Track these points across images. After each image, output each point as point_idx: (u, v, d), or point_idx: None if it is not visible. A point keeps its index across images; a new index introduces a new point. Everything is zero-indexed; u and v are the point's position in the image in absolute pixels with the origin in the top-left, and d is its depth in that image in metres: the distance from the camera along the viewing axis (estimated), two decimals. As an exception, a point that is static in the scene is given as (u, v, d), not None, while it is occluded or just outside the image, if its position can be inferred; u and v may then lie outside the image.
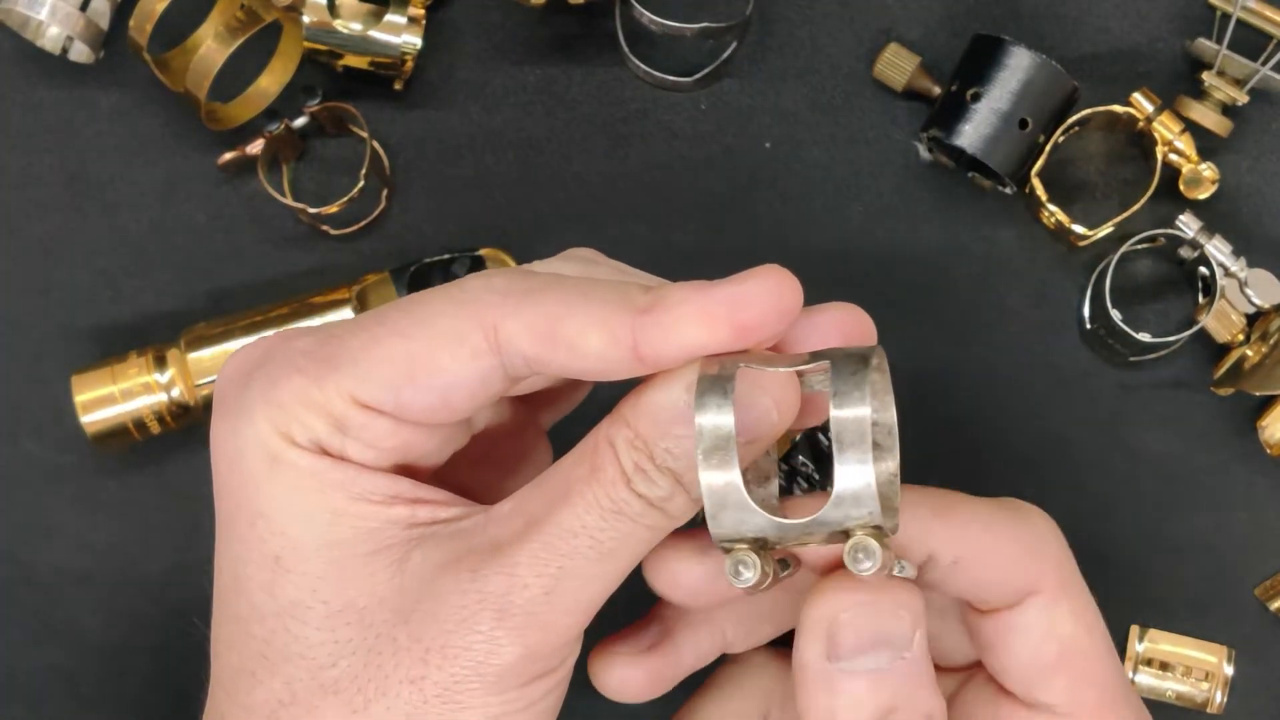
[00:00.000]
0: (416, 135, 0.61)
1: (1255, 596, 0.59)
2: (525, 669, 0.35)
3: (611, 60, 0.61)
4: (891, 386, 0.36)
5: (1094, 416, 0.60)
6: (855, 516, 0.33)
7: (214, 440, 0.37)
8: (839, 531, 0.33)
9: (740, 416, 0.33)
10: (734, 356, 0.34)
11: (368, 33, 0.58)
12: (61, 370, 0.60)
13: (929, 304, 0.60)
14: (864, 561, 0.33)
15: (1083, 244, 0.59)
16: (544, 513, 0.35)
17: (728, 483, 0.33)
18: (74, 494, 0.60)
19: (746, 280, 0.34)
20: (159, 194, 0.61)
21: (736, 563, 0.34)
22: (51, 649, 0.59)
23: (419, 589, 0.35)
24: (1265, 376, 0.56)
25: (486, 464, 0.42)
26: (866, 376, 0.33)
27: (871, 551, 0.33)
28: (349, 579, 0.36)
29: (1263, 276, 0.58)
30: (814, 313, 0.37)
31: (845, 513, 0.33)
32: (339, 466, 0.36)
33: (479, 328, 0.35)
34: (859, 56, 0.61)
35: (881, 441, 0.36)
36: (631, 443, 0.35)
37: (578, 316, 0.35)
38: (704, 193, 0.61)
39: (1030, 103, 0.57)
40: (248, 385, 0.37)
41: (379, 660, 0.35)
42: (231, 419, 0.37)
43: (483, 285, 0.36)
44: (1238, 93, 0.58)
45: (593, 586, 0.35)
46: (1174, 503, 0.59)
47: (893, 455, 0.36)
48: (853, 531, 0.33)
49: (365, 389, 0.35)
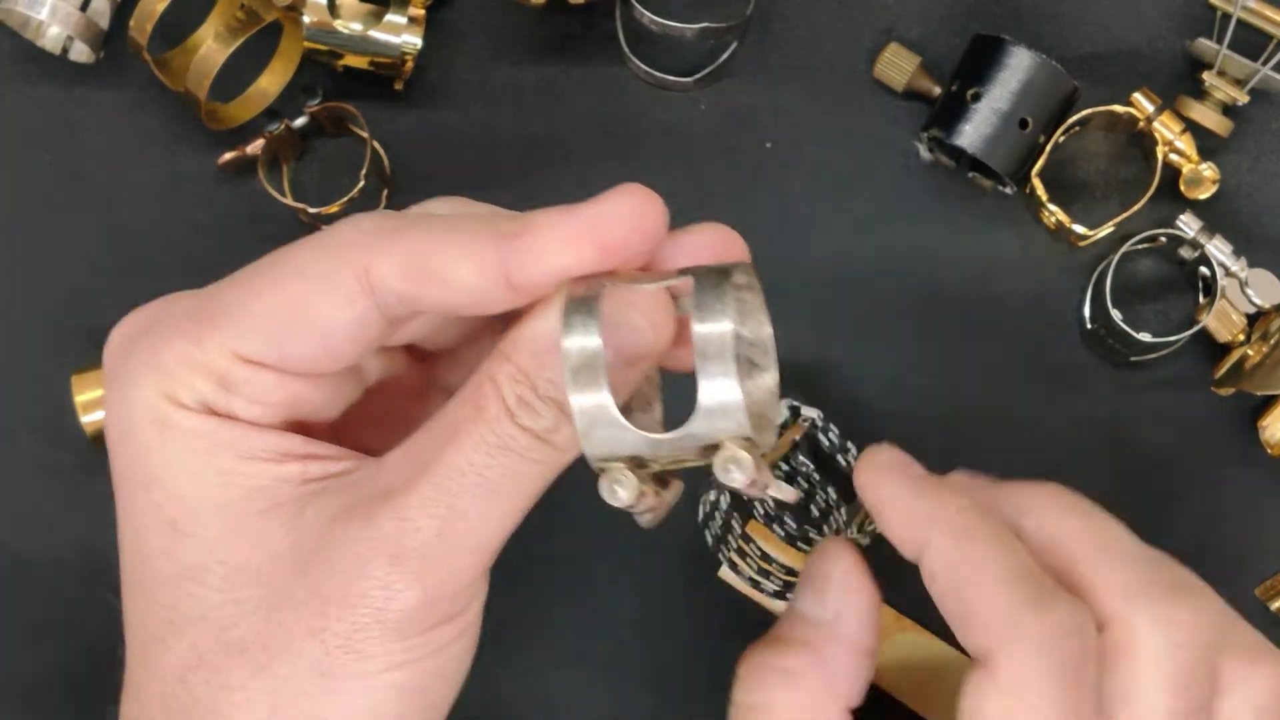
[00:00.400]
0: (416, 135, 0.61)
1: (1255, 596, 0.59)
2: (426, 614, 0.35)
3: (611, 60, 0.61)
4: (764, 304, 0.36)
5: (1094, 416, 0.60)
6: (724, 429, 0.32)
7: (106, 411, 0.38)
8: (712, 446, 0.33)
9: (611, 335, 0.33)
10: (601, 278, 0.34)
11: (368, 33, 0.58)
12: (61, 370, 0.60)
13: (929, 304, 0.60)
14: (734, 472, 0.33)
15: (1083, 244, 0.59)
16: (432, 455, 0.35)
17: (597, 403, 0.32)
18: (74, 493, 0.60)
19: (608, 199, 0.34)
20: (159, 194, 0.61)
21: (612, 482, 0.33)
22: (51, 648, 0.59)
23: (314, 543, 0.35)
24: (1266, 376, 0.56)
25: (390, 425, 0.41)
26: (727, 290, 0.32)
27: (741, 461, 0.33)
28: (244, 538, 0.36)
29: (1263, 276, 0.58)
30: (684, 233, 0.36)
31: (714, 425, 0.32)
32: (227, 426, 0.36)
33: (350, 271, 0.35)
34: (859, 56, 0.61)
35: (756, 359, 0.36)
36: (513, 377, 0.35)
37: (446, 249, 0.34)
38: (704, 193, 0.61)
39: (1030, 103, 0.57)
40: (131, 352, 0.37)
41: (280, 616, 0.35)
42: (119, 387, 0.37)
43: (351, 228, 0.36)
44: (1238, 93, 0.58)
45: (487, 525, 0.35)
46: (1174, 502, 0.59)
47: (769, 371, 0.36)
48: (724, 445, 0.33)
49: (246, 343, 0.36)
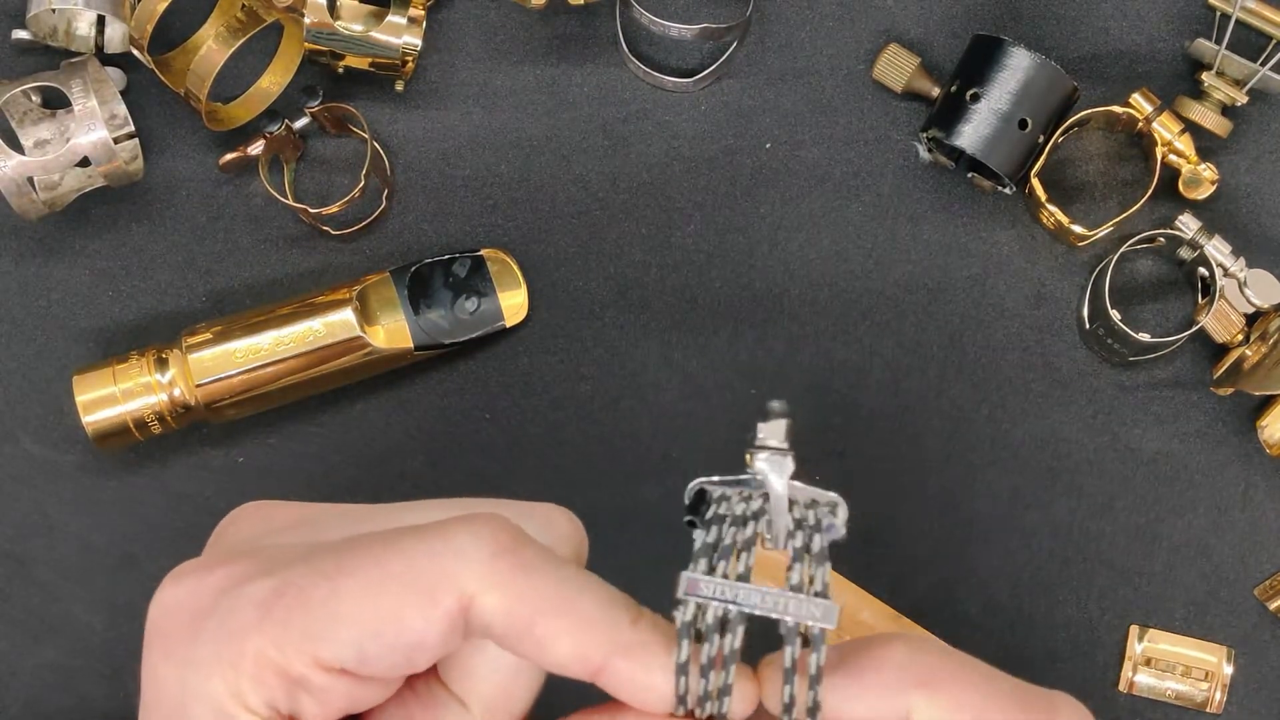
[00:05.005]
0: (416, 135, 0.61)
1: (1254, 596, 0.59)
2: None
3: (611, 60, 0.61)
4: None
5: (1093, 416, 0.60)
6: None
7: (154, 681, 0.35)
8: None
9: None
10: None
11: (368, 33, 0.58)
12: (62, 370, 0.60)
13: (929, 304, 0.60)
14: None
15: (1082, 244, 0.59)
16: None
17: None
18: (74, 494, 0.60)
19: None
20: (159, 194, 0.61)
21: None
22: (51, 649, 0.59)
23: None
24: (1264, 376, 0.56)
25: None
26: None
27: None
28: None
29: (1262, 276, 0.58)
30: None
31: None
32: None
33: (455, 591, 0.33)
34: (859, 57, 0.61)
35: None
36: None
37: (559, 621, 0.33)
38: (704, 193, 0.61)
39: (1030, 103, 0.57)
40: (198, 635, 0.35)
41: None
42: (179, 667, 0.35)
43: (470, 543, 0.33)
44: (1237, 93, 0.58)
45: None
46: (1173, 502, 0.60)
47: None
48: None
49: (329, 649, 0.33)
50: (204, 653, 0.34)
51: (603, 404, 0.60)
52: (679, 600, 0.34)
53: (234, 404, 0.57)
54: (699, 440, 0.60)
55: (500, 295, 0.60)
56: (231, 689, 0.34)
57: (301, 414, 0.60)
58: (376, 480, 0.60)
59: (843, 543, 0.35)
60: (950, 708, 0.33)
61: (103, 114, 0.56)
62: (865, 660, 0.34)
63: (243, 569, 0.35)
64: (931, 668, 0.34)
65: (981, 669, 0.34)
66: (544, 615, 0.33)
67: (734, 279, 0.60)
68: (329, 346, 0.57)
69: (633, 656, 0.33)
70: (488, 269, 0.60)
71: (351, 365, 0.58)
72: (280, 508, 0.38)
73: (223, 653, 0.34)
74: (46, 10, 0.58)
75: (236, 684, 0.34)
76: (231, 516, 0.38)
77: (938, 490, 0.60)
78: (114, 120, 0.58)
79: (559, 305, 0.61)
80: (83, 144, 0.55)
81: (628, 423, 0.60)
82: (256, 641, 0.34)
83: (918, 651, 0.34)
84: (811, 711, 0.33)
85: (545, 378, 0.60)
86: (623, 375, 0.60)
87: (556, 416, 0.60)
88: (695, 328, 0.60)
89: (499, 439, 0.60)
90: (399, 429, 0.60)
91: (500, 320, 0.60)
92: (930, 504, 0.60)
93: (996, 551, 0.59)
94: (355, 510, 0.37)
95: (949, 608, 0.59)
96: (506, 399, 0.60)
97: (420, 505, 0.37)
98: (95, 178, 0.58)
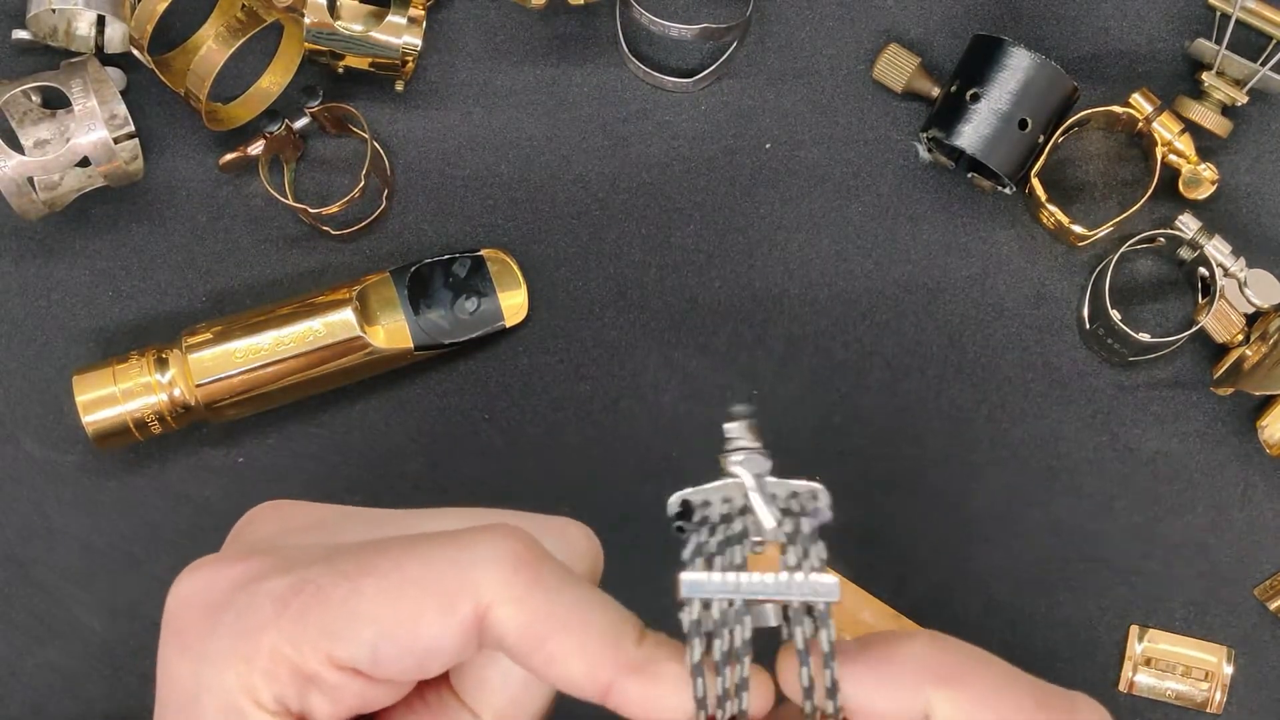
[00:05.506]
0: (416, 135, 0.61)
1: (1254, 596, 0.59)
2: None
3: (611, 60, 0.61)
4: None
5: (1093, 416, 0.60)
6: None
7: (168, 673, 0.36)
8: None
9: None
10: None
11: (368, 33, 0.58)
12: (62, 370, 0.60)
13: (929, 303, 0.60)
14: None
15: (1082, 244, 0.60)
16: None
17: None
18: (74, 494, 0.60)
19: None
20: (159, 194, 0.61)
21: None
22: (51, 649, 0.59)
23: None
24: (1264, 376, 0.56)
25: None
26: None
27: None
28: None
29: (1262, 276, 0.58)
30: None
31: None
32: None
33: (473, 600, 0.33)
34: (859, 57, 0.61)
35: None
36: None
37: (570, 638, 0.33)
38: (704, 193, 0.61)
39: (1030, 103, 0.57)
40: (214, 628, 0.35)
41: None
42: (193, 660, 0.35)
43: (490, 554, 0.34)
44: (1237, 93, 0.58)
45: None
46: (1173, 502, 0.60)
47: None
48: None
49: (344, 648, 0.34)
50: (219, 646, 0.34)
51: (603, 404, 0.60)
52: (682, 602, 0.34)
53: (234, 404, 0.57)
54: (699, 440, 0.60)
55: (500, 295, 0.60)
56: (244, 683, 0.34)
57: (301, 414, 0.60)
58: (376, 480, 0.60)
59: (831, 525, 0.35)
60: (970, 706, 0.33)
61: (103, 114, 0.56)
62: (886, 653, 0.34)
63: (261, 566, 0.35)
64: (952, 665, 0.34)
65: (1001, 667, 0.34)
66: (556, 632, 0.33)
67: (734, 279, 0.60)
68: (329, 346, 0.57)
69: (641, 673, 0.33)
70: (488, 269, 0.60)
71: (351, 365, 0.58)
72: (298, 508, 0.38)
73: (238, 647, 0.34)
74: (46, 10, 0.58)
75: (249, 678, 0.34)
76: (249, 516, 0.39)
77: (938, 490, 0.60)
78: (114, 120, 0.58)
79: (559, 305, 0.61)
80: (83, 144, 0.55)
81: (628, 423, 0.60)
82: (272, 637, 0.34)
83: (939, 648, 0.34)
84: (830, 693, 0.33)
85: (545, 378, 0.60)
86: (622, 375, 0.60)
87: (556, 417, 0.60)
88: (695, 328, 0.60)
89: (499, 439, 0.60)
90: (399, 429, 0.60)
91: (500, 320, 0.60)
92: (930, 504, 0.60)
93: (996, 551, 0.59)
94: (373, 514, 0.38)
95: (949, 608, 0.59)
96: (506, 399, 0.60)
97: (439, 513, 0.37)
98: (95, 178, 0.58)
